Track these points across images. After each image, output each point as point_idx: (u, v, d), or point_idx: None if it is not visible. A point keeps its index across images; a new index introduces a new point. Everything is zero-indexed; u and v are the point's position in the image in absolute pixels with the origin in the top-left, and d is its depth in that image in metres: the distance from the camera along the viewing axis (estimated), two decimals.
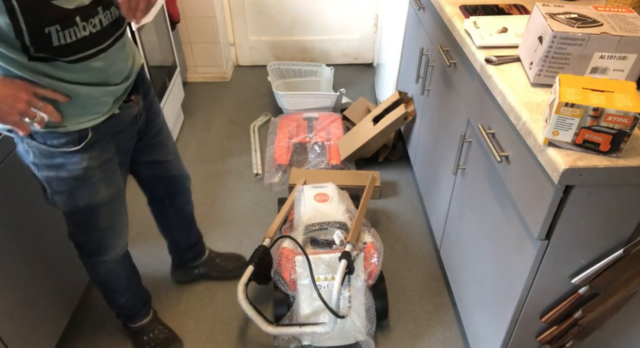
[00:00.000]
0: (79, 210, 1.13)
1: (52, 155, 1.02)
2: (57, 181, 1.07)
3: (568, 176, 0.86)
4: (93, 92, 0.99)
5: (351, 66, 3.26)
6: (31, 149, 1.01)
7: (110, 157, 1.13)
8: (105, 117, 1.05)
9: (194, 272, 1.74)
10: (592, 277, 1.01)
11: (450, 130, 1.56)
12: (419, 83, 1.93)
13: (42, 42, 0.85)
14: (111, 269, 1.33)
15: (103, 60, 0.97)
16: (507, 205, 1.12)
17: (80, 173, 1.06)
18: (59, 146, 1.01)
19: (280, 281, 1.49)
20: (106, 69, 0.99)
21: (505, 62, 1.18)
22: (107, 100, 1.03)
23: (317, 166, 2.27)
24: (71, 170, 1.05)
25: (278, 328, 1.40)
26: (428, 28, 1.79)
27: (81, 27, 0.90)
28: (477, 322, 1.38)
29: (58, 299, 1.45)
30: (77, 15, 0.88)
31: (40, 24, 0.84)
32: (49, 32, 0.85)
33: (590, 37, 0.97)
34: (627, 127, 0.82)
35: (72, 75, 0.94)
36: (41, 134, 0.99)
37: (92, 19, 0.91)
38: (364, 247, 1.48)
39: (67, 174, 1.05)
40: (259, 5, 2.99)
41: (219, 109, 2.80)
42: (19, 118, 0.89)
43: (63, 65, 0.91)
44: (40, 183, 1.10)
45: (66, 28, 0.87)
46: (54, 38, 0.86)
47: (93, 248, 1.25)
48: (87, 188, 1.10)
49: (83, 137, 1.03)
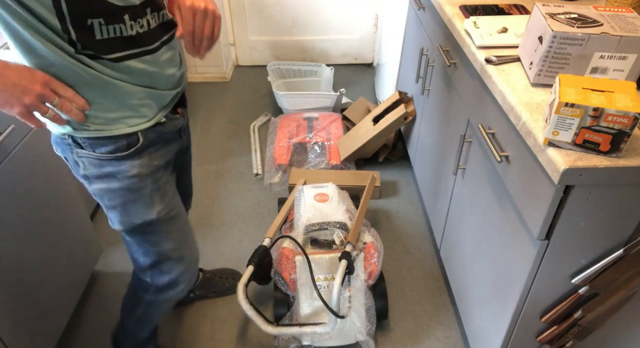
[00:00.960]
0: (137, 227, 1.06)
1: (102, 164, 0.97)
2: (109, 194, 1.01)
3: (568, 176, 0.86)
4: (138, 92, 0.94)
5: (351, 66, 3.26)
6: (80, 160, 0.97)
7: (161, 165, 1.06)
8: (151, 122, 0.99)
9: (189, 296, 1.67)
10: (592, 277, 1.01)
11: (450, 130, 1.56)
12: (419, 83, 1.93)
13: (84, 34, 0.82)
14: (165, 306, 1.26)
15: (148, 62, 0.93)
16: (507, 205, 1.12)
17: (131, 182, 1.00)
18: (107, 153, 0.96)
19: (280, 281, 1.49)
20: (151, 72, 0.95)
21: (505, 62, 1.18)
22: (151, 103, 0.98)
23: (317, 166, 2.26)
24: (122, 179, 0.99)
25: (278, 328, 1.40)
26: (428, 28, 1.79)
27: (129, 25, 0.87)
28: (477, 322, 1.38)
29: (58, 299, 1.45)
30: (126, 13, 0.85)
31: (83, 14, 0.81)
32: (91, 24, 0.82)
33: (590, 37, 0.97)
34: (627, 127, 0.82)
35: (117, 74, 0.90)
36: (89, 143, 0.95)
37: (140, 19, 0.89)
38: (364, 247, 1.48)
39: (119, 184, 1.00)
40: (259, 5, 2.98)
41: (219, 109, 2.80)
42: (26, 110, 0.85)
43: (107, 62, 0.88)
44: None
45: (111, 23, 0.84)
46: (97, 31, 0.83)
47: (161, 284, 1.15)
48: (140, 200, 1.03)
49: (132, 143, 0.98)
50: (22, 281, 1.28)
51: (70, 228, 1.51)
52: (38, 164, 1.34)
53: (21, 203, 1.27)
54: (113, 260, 1.84)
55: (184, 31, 0.92)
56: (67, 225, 1.49)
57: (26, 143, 1.29)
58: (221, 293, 1.70)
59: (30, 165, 1.30)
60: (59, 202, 1.46)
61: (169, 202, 1.09)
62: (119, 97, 0.92)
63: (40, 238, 1.35)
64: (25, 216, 1.29)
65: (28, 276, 1.30)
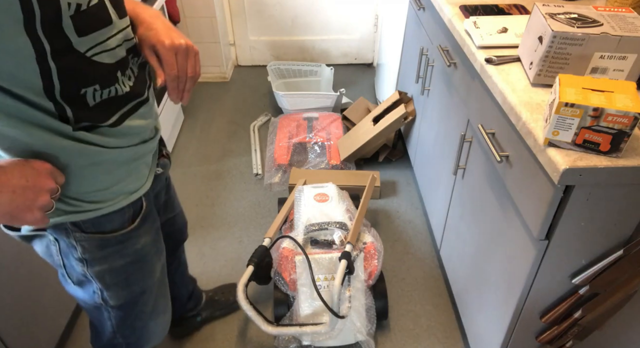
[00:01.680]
0: (132, 298, 0.95)
1: (105, 244, 0.85)
2: (111, 273, 0.89)
3: (568, 176, 0.86)
4: (135, 152, 0.83)
5: (351, 66, 3.26)
6: (79, 244, 0.83)
7: (158, 225, 0.98)
8: (150, 180, 0.90)
9: (196, 321, 1.58)
10: (592, 277, 1.01)
11: (450, 130, 1.56)
12: (419, 83, 1.93)
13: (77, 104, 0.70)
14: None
15: (142, 116, 0.82)
16: (507, 205, 1.12)
17: (136, 254, 0.91)
18: (114, 230, 0.84)
19: (280, 281, 1.49)
20: (145, 125, 0.84)
21: (505, 62, 1.18)
22: (148, 159, 0.89)
23: (317, 166, 2.27)
24: (127, 254, 0.89)
25: (278, 328, 1.40)
26: (428, 28, 1.79)
27: (121, 82, 0.75)
28: (477, 322, 1.38)
29: (58, 299, 1.45)
30: (118, 70, 0.74)
31: (76, 86, 0.69)
32: (85, 92, 0.70)
33: (590, 37, 0.97)
34: (627, 127, 0.82)
35: (117, 141, 0.78)
36: (92, 222, 0.81)
37: (127, 70, 0.77)
38: (364, 247, 1.48)
39: (123, 261, 0.89)
40: (259, 5, 2.98)
41: (219, 109, 2.80)
42: (42, 215, 0.70)
43: (106, 130, 0.75)
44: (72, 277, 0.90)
45: (107, 86, 0.72)
46: (89, 98, 0.71)
47: (133, 342, 1.05)
48: (143, 269, 0.94)
49: (137, 210, 0.88)
50: (22, 281, 1.28)
51: None
52: None
53: None
54: None
55: (168, 76, 0.80)
56: None
57: None
58: (227, 310, 1.65)
59: None
60: None
61: (163, 259, 1.02)
62: (120, 167, 0.81)
63: None
64: None
65: (28, 276, 1.30)
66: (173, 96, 0.83)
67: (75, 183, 0.77)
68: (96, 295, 0.91)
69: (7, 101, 0.64)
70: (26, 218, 0.68)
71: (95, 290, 0.91)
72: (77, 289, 0.92)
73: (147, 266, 0.95)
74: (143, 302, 0.99)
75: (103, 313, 0.97)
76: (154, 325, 1.05)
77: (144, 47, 0.81)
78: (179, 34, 0.82)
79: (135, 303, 0.97)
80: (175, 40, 0.79)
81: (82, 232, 0.82)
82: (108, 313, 0.97)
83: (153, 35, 0.80)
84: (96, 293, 0.91)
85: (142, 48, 0.81)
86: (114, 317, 0.98)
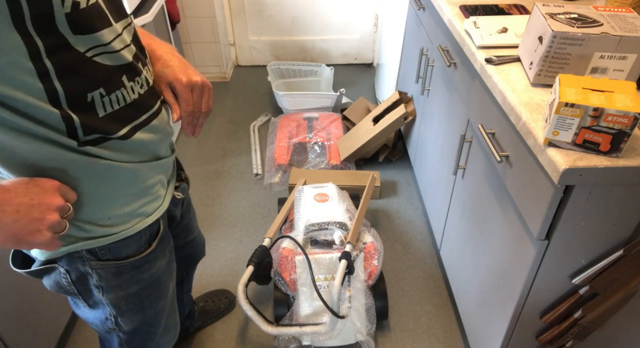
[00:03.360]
0: (145, 321, 0.93)
1: (122, 271, 0.82)
2: (127, 299, 0.86)
3: (568, 176, 0.86)
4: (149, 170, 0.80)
5: (351, 66, 3.26)
6: (95, 271, 0.80)
7: (172, 245, 0.96)
8: (167, 202, 0.87)
9: (189, 331, 1.57)
10: (592, 277, 1.01)
11: (450, 130, 1.56)
12: (419, 83, 1.93)
13: (86, 113, 0.66)
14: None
15: (155, 129, 0.78)
16: (507, 205, 1.12)
17: (152, 278, 0.88)
18: (130, 256, 0.82)
19: (280, 281, 1.49)
20: (158, 140, 0.80)
21: (505, 62, 1.18)
22: (162, 178, 0.85)
23: (317, 166, 2.27)
24: (143, 279, 0.87)
25: (278, 329, 1.40)
26: (428, 28, 1.79)
27: (129, 88, 0.71)
28: (477, 322, 1.38)
29: (58, 299, 1.45)
30: (123, 74, 0.70)
31: (81, 90, 0.65)
32: (92, 99, 0.66)
33: (590, 37, 0.97)
34: (627, 127, 0.82)
35: (127, 156, 0.74)
36: (108, 248, 0.78)
37: (138, 77, 0.74)
38: (364, 247, 1.48)
39: (139, 286, 0.87)
40: (259, 5, 2.98)
41: (219, 109, 2.80)
42: (51, 236, 0.65)
43: (117, 143, 0.72)
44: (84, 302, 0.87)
45: (112, 91, 0.69)
46: (98, 106, 0.68)
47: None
48: (158, 291, 0.92)
49: (154, 233, 0.85)
50: (22, 281, 1.28)
51: None
52: None
53: None
54: None
55: (184, 112, 0.82)
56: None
57: None
58: (218, 317, 1.64)
59: None
60: None
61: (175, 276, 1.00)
62: (133, 184, 0.78)
63: None
64: None
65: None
66: (187, 131, 0.85)
67: (89, 206, 0.73)
68: (109, 321, 0.89)
69: (13, 118, 0.61)
70: (35, 240, 0.64)
71: (108, 317, 0.88)
72: (89, 313, 0.90)
73: (161, 288, 0.93)
74: (156, 324, 0.98)
75: (114, 336, 0.95)
76: (163, 342, 1.04)
77: (161, 84, 0.82)
78: (195, 70, 0.84)
79: (148, 326, 0.96)
80: (192, 77, 0.81)
81: (98, 260, 0.79)
82: (119, 337, 0.94)
83: (170, 72, 0.82)
84: (109, 319, 0.89)
85: (159, 84, 0.82)
86: (125, 341, 0.95)
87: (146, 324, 0.95)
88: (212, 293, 1.68)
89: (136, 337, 0.96)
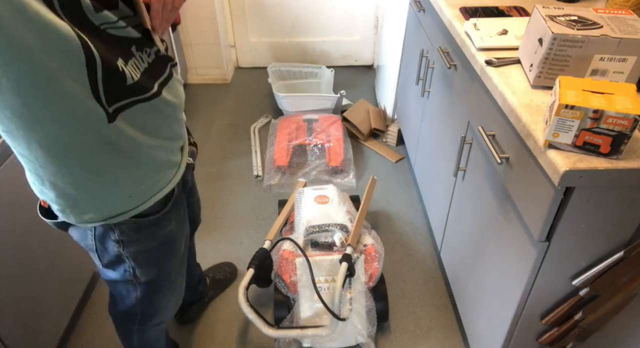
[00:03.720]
0: (160, 274, 1.04)
1: (140, 228, 0.92)
2: (144, 254, 0.97)
3: (568, 178, 0.86)
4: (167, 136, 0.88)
5: (351, 68, 3.26)
6: (117, 227, 0.90)
7: (185, 208, 1.06)
8: (182, 168, 0.95)
9: (204, 302, 1.66)
10: (592, 278, 1.01)
11: (451, 132, 1.56)
12: (419, 85, 1.93)
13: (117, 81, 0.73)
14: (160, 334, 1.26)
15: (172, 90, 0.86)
16: (508, 207, 1.12)
17: (167, 236, 0.99)
18: (148, 215, 0.91)
19: (280, 283, 1.49)
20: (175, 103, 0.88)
21: (505, 64, 1.18)
22: (178, 141, 0.94)
23: (317, 168, 2.27)
24: (159, 236, 0.97)
25: (279, 331, 1.40)
26: (428, 30, 1.79)
27: (138, 57, 0.78)
28: (478, 324, 1.38)
29: (58, 299, 1.45)
30: (133, 45, 0.77)
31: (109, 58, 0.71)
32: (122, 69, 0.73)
33: (590, 39, 0.98)
34: (627, 129, 0.82)
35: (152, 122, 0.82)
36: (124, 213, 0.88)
37: (144, 48, 0.80)
38: (364, 249, 1.48)
39: (155, 243, 0.97)
40: (259, 6, 2.99)
41: (220, 111, 2.80)
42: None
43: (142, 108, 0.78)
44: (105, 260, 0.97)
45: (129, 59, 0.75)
46: (128, 74, 0.74)
47: (149, 314, 1.14)
48: (172, 249, 1.03)
49: (169, 196, 0.94)
50: (22, 281, 1.28)
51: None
52: None
53: (21, 205, 1.27)
54: None
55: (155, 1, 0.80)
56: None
57: None
58: (226, 286, 1.75)
59: None
60: None
61: (186, 238, 1.09)
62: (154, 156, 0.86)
63: (41, 239, 1.35)
64: (26, 216, 1.29)
65: (28, 277, 1.30)
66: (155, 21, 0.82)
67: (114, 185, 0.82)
68: (127, 273, 0.98)
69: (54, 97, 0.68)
70: None
71: (127, 269, 0.98)
72: (109, 271, 0.99)
73: (175, 246, 1.03)
74: (168, 280, 1.08)
75: (129, 288, 1.04)
76: (171, 300, 1.15)
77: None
78: None
79: (162, 280, 1.06)
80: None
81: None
82: (135, 288, 1.04)
83: None
84: (128, 271, 0.98)
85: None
86: (141, 291, 1.05)
87: (160, 278, 1.05)
88: (217, 266, 1.79)
89: (151, 291, 1.05)
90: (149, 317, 1.15)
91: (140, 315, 1.13)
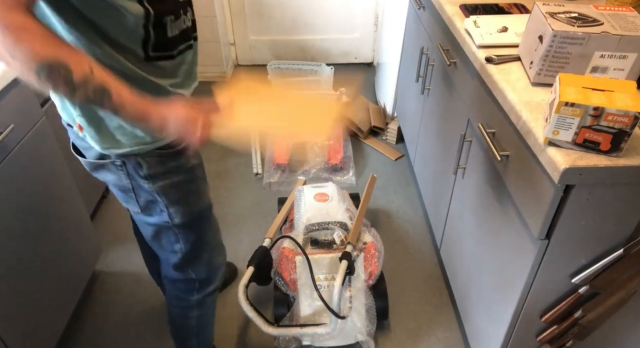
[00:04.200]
0: (195, 219, 1.11)
1: (164, 160, 1.00)
2: (172, 189, 1.04)
3: (568, 175, 0.86)
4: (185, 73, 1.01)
5: (351, 65, 3.26)
6: (144, 160, 0.98)
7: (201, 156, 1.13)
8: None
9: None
10: (592, 276, 1.01)
11: (451, 130, 1.56)
12: (419, 82, 1.93)
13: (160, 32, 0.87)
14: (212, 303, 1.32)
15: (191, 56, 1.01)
16: (508, 205, 1.12)
17: (190, 173, 1.07)
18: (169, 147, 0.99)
19: (280, 281, 1.49)
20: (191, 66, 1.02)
21: (505, 61, 1.18)
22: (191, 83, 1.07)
23: (316, 166, 2.27)
24: (182, 172, 1.04)
25: (278, 329, 1.40)
26: (428, 27, 1.78)
27: (183, 19, 0.93)
28: (477, 322, 1.38)
29: (58, 299, 1.45)
30: (180, 9, 0.92)
31: (161, 13, 0.86)
32: (165, 22, 0.87)
33: (590, 36, 0.97)
34: (628, 127, 0.82)
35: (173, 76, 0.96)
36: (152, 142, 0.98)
37: (187, 12, 0.96)
38: (364, 247, 1.48)
39: (180, 178, 1.04)
40: (259, 4, 2.98)
41: None
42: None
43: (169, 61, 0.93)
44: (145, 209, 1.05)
45: (177, 18, 0.90)
46: (169, 29, 0.88)
47: (204, 277, 1.22)
48: (197, 190, 1.10)
49: None
50: (22, 281, 1.28)
51: (70, 228, 1.51)
52: (38, 164, 1.34)
53: (21, 203, 1.26)
54: (113, 259, 1.84)
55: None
56: (67, 225, 1.49)
57: (26, 143, 1.28)
58: (226, 284, 1.75)
59: (30, 165, 1.30)
60: (59, 202, 1.46)
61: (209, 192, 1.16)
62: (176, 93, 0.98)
63: (40, 238, 1.35)
64: (25, 216, 1.28)
65: (28, 276, 1.30)
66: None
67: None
68: (163, 213, 1.05)
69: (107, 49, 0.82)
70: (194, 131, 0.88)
71: (162, 208, 1.05)
72: (147, 217, 1.07)
73: (200, 188, 1.10)
74: (204, 229, 1.16)
75: (171, 238, 1.11)
76: (217, 259, 1.24)
77: None
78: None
79: (198, 224, 1.13)
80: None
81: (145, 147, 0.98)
82: (177, 237, 1.11)
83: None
84: (163, 211, 1.05)
85: None
86: (182, 240, 1.12)
87: (197, 221, 1.12)
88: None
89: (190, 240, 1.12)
90: (203, 279, 1.21)
91: (195, 277, 1.20)
